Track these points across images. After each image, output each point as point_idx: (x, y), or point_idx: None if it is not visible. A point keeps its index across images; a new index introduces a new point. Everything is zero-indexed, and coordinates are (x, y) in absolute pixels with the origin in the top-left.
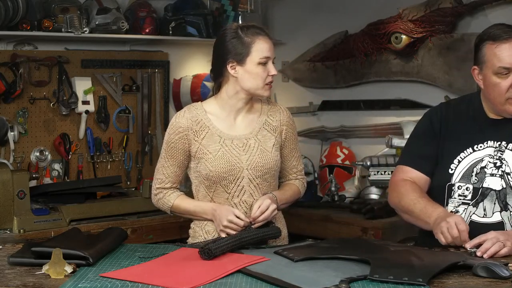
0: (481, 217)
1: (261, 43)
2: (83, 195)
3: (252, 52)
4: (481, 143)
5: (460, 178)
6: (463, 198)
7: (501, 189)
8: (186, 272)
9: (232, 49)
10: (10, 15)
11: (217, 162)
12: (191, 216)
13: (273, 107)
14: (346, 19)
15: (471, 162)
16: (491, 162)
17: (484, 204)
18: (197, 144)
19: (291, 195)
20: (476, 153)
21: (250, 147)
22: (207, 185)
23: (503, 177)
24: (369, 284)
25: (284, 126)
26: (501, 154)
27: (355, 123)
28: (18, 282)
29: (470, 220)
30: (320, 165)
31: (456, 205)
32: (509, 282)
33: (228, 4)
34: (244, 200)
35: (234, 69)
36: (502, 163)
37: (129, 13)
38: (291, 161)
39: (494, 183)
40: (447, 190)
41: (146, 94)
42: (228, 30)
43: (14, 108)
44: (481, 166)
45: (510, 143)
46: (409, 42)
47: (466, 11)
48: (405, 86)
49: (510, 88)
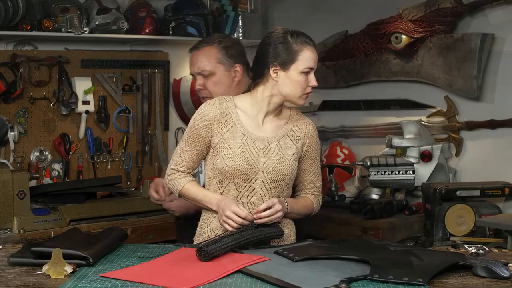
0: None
1: (308, 53)
2: (83, 195)
3: (298, 60)
4: None
5: None
6: None
7: None
8: (186, 272)
9: (278, 53)
10: (10, 15)
11: (235, 158)
12: (197, 203)
13: (301, 118)
14: (346, 19)
15: None
16: None
17: None
18: (219, 136)
19: (303, 206)
20: None
21: (270, 151)
22: (220, 179)
23: None
24: (369, 284)
25: (308, 139)
26: None
27: (355, 123)
28: (18, 282)
29: None
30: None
31: None
32: (509, 282)
33: (228, 4)
34: (253, 202)
35: (276, 73)
36: None
37: (129, 13)
38: (309, 175)
39: None
40: None
41: (146, 94)
42: (276, 34)
43: (14, 108)
44: None
45: None
46: (409, 42)
47: (466, 11)
48: (405, 86)
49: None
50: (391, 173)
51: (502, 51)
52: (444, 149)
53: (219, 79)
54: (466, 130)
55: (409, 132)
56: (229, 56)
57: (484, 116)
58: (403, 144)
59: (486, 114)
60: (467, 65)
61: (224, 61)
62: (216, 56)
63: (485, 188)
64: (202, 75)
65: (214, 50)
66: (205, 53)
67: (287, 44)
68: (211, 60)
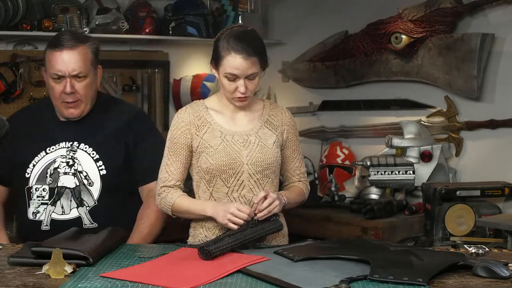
0: (60, 215)
1: (232, 60)
2: None
3: (223, 64)
4: (53, 146)
5: (36, 180)
6: (42, 198)
7: (75, 186)
8: (186, 272)
9: (213, 51)
10: (10, 15)
11: (218, 155)
12: (191, 216)
13: (275, 108)
14: (346, 19)
15: (44, 164)
16: (63, 162)
17: (61, 202)
18: (198, 138)
19: (296, 196)
20: (48, 155)
21: (250, 143)
22: (208, 179)
23: (76, 175)
24: (369, 284)
25: (286, 126)
26: (73, 153)
27: (355, 123)
28: (18, 282)
29: (51, 218)
30: (320, 165)
31: (36, 206)
32: (509, 282)
33: (228, 4)
34: (244, 195)
35: (214, 69)
36: (75, 162)
37: (129, 13)
38: (293, 162)
39: (68, 181)
40: (27, 193)
41: (146, 94)
42: (223, 31)
43: (14, 108)
44: (54, 167)
45: (81, 143)
46: (409, 42)
47: (466, 11)
48: (405, 86)
49: (62, 94)
50: (391, 173)
51: (502, 51)
52: (444, 149)
53: (90, 82)
54: (466, 130)
55: (409, 132)
56: (97, 56)
57: (484, 116)
58: (403, 144)
59: (486, 114)
60: (467, 65)
61: (95, 63)
62: (89, 57)
63: (485, 188)
64: (76, 77)
65: (88, 51)
66: (80, 53)
67: (217, 44)
68: (86, 62)
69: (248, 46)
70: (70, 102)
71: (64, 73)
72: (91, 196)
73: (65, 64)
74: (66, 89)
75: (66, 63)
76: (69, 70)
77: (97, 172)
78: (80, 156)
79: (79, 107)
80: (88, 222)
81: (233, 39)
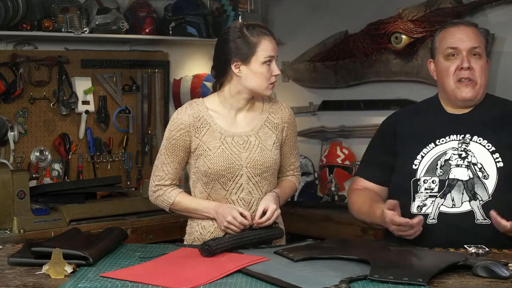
0: (450, 208)
1: (267, 43)
2: (83, 195)
3: (257, 51)
4: (443, 138)
5: (424, 172)
6: (430, 191)
7: (468, 179)
8: (186, 272)
9: (237, 48)
10: (10, 15)
11: (216, 160)
12: (191, 214)
13: (275, 104)
14: (346, 19)
15: (434, 156)
16: (455, 154)
17: (452, 194)
18: (197, 140)
19: (290, 190)
20: (438, 147)
21: (250, 144)
22: (205, 181)
23: (469, 167)
24: (369, 284)
25: (286, 124)
26: (466, 146)
27: (355, 123)
28: (18, 282)
29: (439, 211)
30: (320, 165)
31: (423, 199)
32: (509, 282)
33: (228, 4)
34: (242, 198)
35: (238, 68)
36: (468, 154)
37: (129, 13)
38: (289, 158)
39: (460, 173)
40: (413, 185)
41: (146, 94)
42: (233, 29)
43: (14, 108)
44: (445, 159)
45: (474, 135)
46: (409, 42)
47: (466, 11)
48: (405, 86)
49: (457, 70)
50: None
51: (502, 51)
52: None
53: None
54: None
55: None
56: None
57: None
58: None
59: None
60: None
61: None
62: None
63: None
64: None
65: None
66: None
67: (244, 37)
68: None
69: (267, 29)
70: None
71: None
72: (485, 190)
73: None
74: (463, 64)
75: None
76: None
77: (493, 164)
78: (474, 148)
79: (474, 88)
80: (481, 217)
81: (252, 27)
